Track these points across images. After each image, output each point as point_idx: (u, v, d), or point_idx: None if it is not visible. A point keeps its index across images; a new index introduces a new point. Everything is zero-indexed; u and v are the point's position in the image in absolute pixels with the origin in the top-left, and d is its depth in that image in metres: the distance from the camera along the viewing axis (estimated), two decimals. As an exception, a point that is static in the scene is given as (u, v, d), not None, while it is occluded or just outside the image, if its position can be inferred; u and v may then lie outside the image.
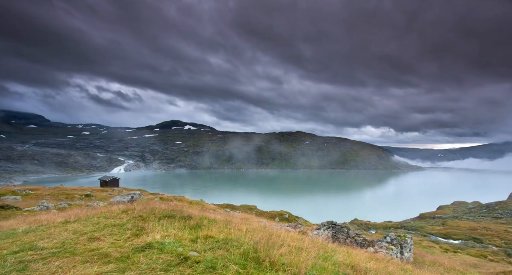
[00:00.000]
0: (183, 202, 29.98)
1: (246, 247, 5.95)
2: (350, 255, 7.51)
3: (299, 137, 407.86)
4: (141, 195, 28.85)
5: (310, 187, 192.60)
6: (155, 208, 9.34)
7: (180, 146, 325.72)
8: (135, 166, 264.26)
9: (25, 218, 10.86)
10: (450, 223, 69.90)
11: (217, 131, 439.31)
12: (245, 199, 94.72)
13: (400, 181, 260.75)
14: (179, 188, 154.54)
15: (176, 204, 13.48)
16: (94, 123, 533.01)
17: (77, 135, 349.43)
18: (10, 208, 18.95)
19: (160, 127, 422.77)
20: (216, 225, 8.01)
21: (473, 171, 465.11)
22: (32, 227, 7.68)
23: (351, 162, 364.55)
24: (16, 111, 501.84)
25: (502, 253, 41.14)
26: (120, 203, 12.63)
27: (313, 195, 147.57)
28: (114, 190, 41.26)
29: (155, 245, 5.79)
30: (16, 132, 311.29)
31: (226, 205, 46.93)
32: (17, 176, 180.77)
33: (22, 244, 5.97)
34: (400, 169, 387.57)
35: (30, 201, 26.31)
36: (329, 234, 18.16)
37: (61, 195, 32.19)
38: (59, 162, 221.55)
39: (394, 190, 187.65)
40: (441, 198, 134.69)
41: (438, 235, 56.59)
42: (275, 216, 41.72)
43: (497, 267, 27.97)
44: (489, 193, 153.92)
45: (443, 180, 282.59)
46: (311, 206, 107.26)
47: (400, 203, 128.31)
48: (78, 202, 25.94)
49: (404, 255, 16.56)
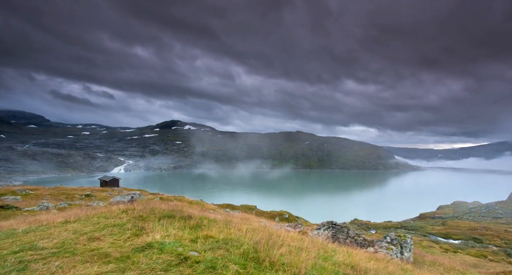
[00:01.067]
0: (183, 202, 29.99)
1: (246, 247, 5.95)
2: (350, 255, 7.51)
3: (299, 137, 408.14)
4: (141, 195, 28.84)
5: (310, 187, 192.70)
6: (155, 208, 9.34)
7: (180, 146, 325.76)
8: (135, 166, 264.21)
9: (25, 218, 10.86)
10: (450, 223, 69.93)
11: (217, 131, 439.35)
12: (245, 199, 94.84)
13: (400, 181, 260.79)
14: (179, 188, 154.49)
15: (176, 204, 13.48)
16: (94, 123, 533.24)
17: (77, 135, 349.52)
18: (10, 208, 18.95)
19: (160, 127, 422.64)
20: (216, 225, 8.01)
21: (473, 171, 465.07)
22: (32, 227, 7.68)
23: (351, 162, 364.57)
24: (16, 111, 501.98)
25: (502, 253, 41.16)
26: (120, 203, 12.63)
27: (313, 195, 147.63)
28: (114, 190, 41.27)
29: (155, 245, 5.79)
30: (16, 132, 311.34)
31: (226, 205, 46.94)
32: (17, 176, 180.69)
33: (22, 244, 5.97)
34: (400, 169, 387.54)
35: (30, 201, 26.31)
36: (329, 234, 18.16)
37: (61, 195, 32.20)
38: (59, 162, 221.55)
39: (394, 190, 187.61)
40: (441, 198, 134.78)
41: (438, 235, 56.60)
42: (275, 216, 41.74)
43: (497, 267, 27.97)
44: (489, 193, 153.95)
45: (443, 180, 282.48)
46: (311, 206, 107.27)
47: (400, 203, 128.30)
48: (78, 202, 25.94)
49: (404, 255, 16.56)
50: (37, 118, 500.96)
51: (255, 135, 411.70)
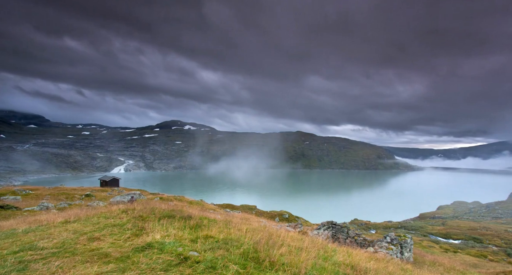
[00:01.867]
0: (183, 202, 29.96)
1: (246, 247, 5.95)
2: (350, 255, 7.51)
3: (299, 137, 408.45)
4: (141, 195, 28.83)
5: (310, 187, 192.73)
6: (155, 208, 9.34)
7: (180, 146, 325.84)
8: (135, 166, 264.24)
9: (25, 218, 10.87)
10: (450, 223, 69.95)
11: (217, 131, 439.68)
12: (245, 199, 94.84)
13: (400, 181, 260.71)
14: (179, 188, 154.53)
15: (176, 204, 13.49)
16: (94, 123, 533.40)
17: (77, 135, 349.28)
18: (10, 208, 18.94)
19: (160, 127, 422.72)
20: (216, 225, 8.01)
21: (473, 171, 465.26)
22: (32, 227, 7.68)
23: (351, 162, 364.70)
24: (16, 111, 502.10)
25: (502, 253, 41.18)
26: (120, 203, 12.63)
27: (313, 195, 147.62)
28: (114, 190, 41.25)
29: (155, 245, 5.80)
30: (16, 132, 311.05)
31: (226, 205, 46.94)
32: (17, 176, 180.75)
33: (22, 244, 5.98)
34: (400, 169, 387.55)
35: (30, 201, 26.29)
36: (329, 234, 18.17)
37: (61, 195, 32.18)
38: (59, 162, 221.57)
39: (394, 190, 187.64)
40: (441, 198, 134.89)
41: (438, 235, 56.61)
42: (275, 216, 41.75)
43: (497, 267, 27.96)
44: (489, 193, 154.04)
45: (443, 180, 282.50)
46: (311, 206, 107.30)
47: (400, 203, 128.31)
48: (78, 202, 25.93)
49: (404, 255, 16.56)
50: (37, 118, 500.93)
51: (255, 135, 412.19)
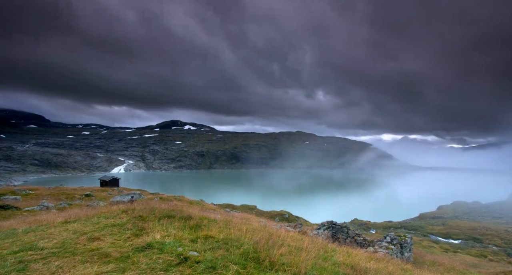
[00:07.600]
0: (183, 202, 29.95)
1: (246, 247, 5.95)
2: (350, 255, 7.51)
3: (299, 137, 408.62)
4: (141, 195, 28.82)
5: (310, 187, 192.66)
6: (155, 208, 9.34)
7: (180, 146, 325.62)
8: (135, 166, 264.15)
9: (25, 218, 10.87)
10: (450, 223, 69.95)
11: (217, 131, 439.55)
12: (245, 199, 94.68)
13: (400, 181, 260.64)
14: (179, 188, 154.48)
15: (176, 204, 13.48)
16: (94, 123, 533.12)
17: (77, 135, 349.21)
18: (10, 208, 18.93)
19: (160, 127, 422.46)
20: (216, 225, 8.01)
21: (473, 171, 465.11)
22: (32, 227, 7.68)
23: (351, 162, 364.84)
24: (16, 111, 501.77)
25: (502, 253, 41.18)
26: (120, 203, 12.62)
27: (313, 195, 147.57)
28: (114, 190, 41.24)
29: (155, 245, 5.80)
30: (16, 132, 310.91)
31: (226, 205, 46.95)
32: (17, 176, 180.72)
33: (22, 244, 5.98)
34: (400, 169, 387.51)
35: (30, 201, 26.29)
36: (329, 234, 18.17)
37: (61, 195, 32.17)
38: (59, 162, 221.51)
39: (394, 190, 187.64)
40: (441, 198, 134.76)
41: (438, 235, 56.61)
42: (275, 216, 41.76)
43: (497, 267, 27.96)
44: (489, 193, 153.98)
45: (443, 180, 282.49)
46: (311, 206, 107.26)
47: (400, 203, 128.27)
48: (78, 202, 25.92)
49: (404, 255, 16.56)
50: (37, 118, 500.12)
51: (255, 135, 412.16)
